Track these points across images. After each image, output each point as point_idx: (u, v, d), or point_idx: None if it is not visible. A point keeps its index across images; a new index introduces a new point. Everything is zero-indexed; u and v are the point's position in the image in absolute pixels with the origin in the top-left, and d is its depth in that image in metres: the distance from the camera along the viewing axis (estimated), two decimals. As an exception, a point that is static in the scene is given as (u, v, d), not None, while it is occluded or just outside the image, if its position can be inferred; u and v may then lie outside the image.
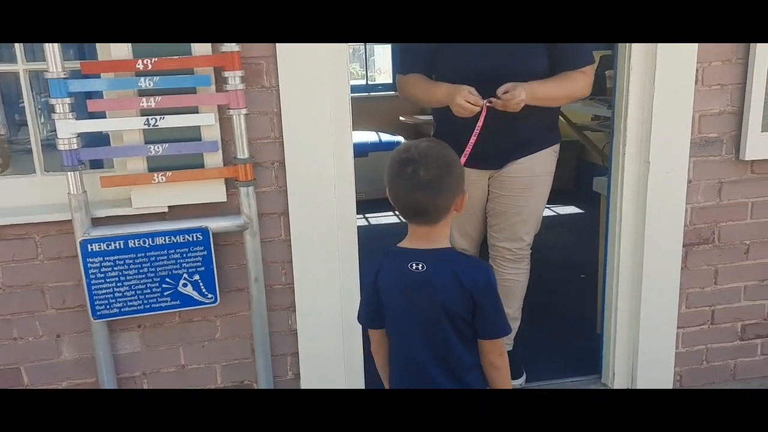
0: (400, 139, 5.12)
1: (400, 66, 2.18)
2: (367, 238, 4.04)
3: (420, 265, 1.37)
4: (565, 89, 2.03)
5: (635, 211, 2.14)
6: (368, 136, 5.13)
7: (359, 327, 2.08)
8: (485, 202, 2.22)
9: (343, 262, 1.99)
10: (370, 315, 1.48)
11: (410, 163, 1.32)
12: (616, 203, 2.17)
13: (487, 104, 1.91)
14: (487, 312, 1.37)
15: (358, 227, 2.04)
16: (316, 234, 1.94)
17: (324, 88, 1.85)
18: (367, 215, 4.82)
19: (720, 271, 2.25)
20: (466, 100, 1.89)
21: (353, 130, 1.96)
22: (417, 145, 1.36)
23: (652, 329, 2.22)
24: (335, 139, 1.90)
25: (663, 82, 2.01)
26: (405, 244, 1.42)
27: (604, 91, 4.22)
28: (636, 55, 2.01)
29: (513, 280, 2.24)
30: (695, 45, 2.00)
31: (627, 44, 2.02)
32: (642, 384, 2.26)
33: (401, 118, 5.35)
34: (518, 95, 1.88)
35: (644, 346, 2.23)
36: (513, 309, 2.25)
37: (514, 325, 2.26)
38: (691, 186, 2.14)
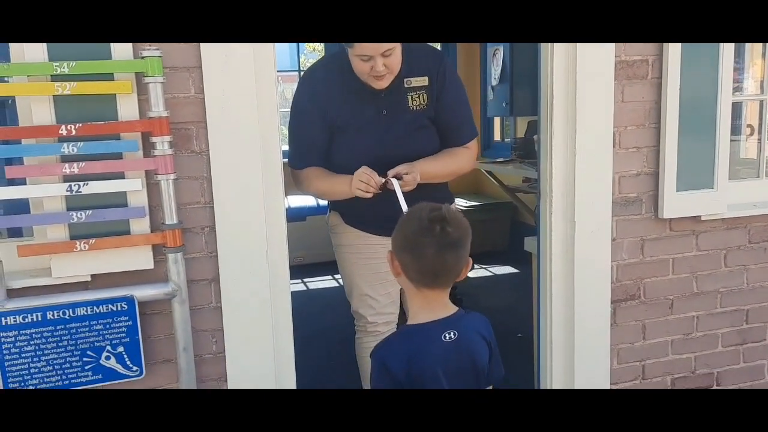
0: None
1: (292, 160, 2.08)
2: (306, 303, 4.01)
3: (452, 333, 1.37)
4: (451, 166, 2.10)
5: (564, 269, 2.20)
6: (306, 200, 5.13)
7: (294, 395, 2.02)
8: None
9: (276, 328, 1.94)
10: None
11: (440, 221, 1.32)
12: (546, 262, 2.23)
13: (389, 180, 1.93)
14: (496, 356, 1.44)
15: (296, 292, 2.02)
16: (248, 300, 1.90)
17: (254, 153, 1.85)
18: (305, 280, 4.77)
19: (647, 326, 2.32)
20: (360, 179, 1.92)
21: (291, 194, 1.95)
22: (440, 205, 1.37)
23: (586, 386, 2.25)
24: (267, 203, 1.89)
25: (583, 145, 2.11)
26: (423, 318, 1.39)
27: (534, 154, 4.40)
28: (557, 119, 2.11)
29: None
30: (611, 110, 2.12)
31: (549, 110, 2.12)
32: (580, 442, 2.26)
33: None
34: (414, 179, 1.93)
35: (580, 404, 2.24)
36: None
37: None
38: (615, 244, 2.22)
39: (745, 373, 2.45)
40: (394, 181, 1.90)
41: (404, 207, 1.85)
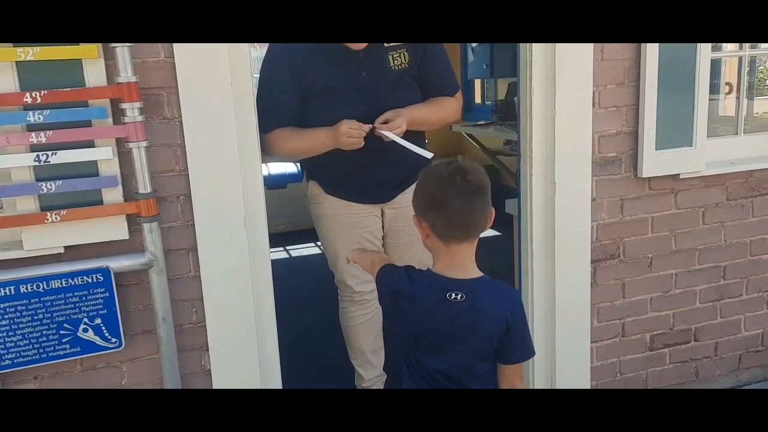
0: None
1: (260, 124, 1.93)
2: (288, 270, 3.99)
3: (459, 296, 1.37)
4: (439, 113, 2.11)
5: (544, 230, 2.20)
6: (286, 168, 5.08)
7: (278, 364, 2.02)
8: (381, 236, 2.21)
9: (257, 297, 1.93)
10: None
11: (459, 171, 1.34)
12: (527, 223, 2.22)
13: (380, 131, 1.93)
14: (518, 337, 1.41)
15: (278, 260, 2.00)
16: (228, 269, 1.88)
17: (229, 118, 1.80)
18: (287, 247, 4.75)
19: (627, 285, 2.34)
20: (349, 127, 1.89)
21: (271, 162, 1.92)
22: (459, 158, 1.39)
23: (567, 345, 2.27)
24: (243, 169, 1.85)
25: (563, 106, 2.09)
26: (442, 271, 1.41)
27: (515, 116, 4.37)
28: (537, 79, 2.08)
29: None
30: (590, 69, 2.10)
31: (528, 70, 2.09)
32: (561, 400, 2.30)
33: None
34: (400, 124, 1.92)
35: (561, 363, 2.27)
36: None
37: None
38: (595, 204, 2.22)
39: (722, 328, 2.49)
40: (389, 133, 1.89)
41: (413, 148, 1.85)
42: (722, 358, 2.52)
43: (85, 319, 1.73)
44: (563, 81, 2.07)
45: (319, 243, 4.84)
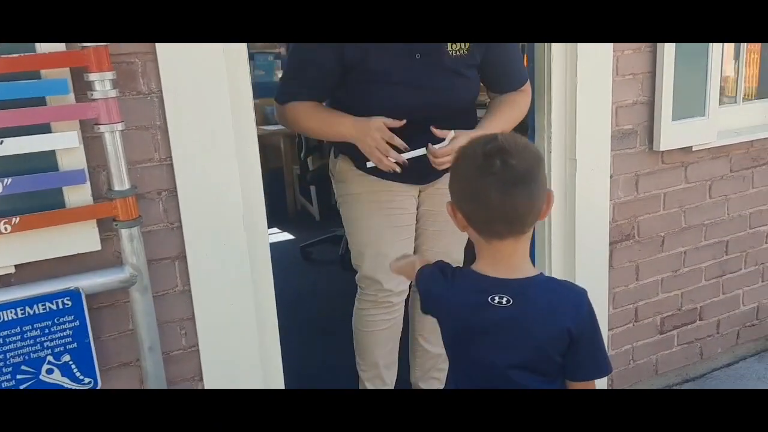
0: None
1: (281, 93, 1.77)
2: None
3: (504, 299, 1.10)
4: (513, 118, 1.81)
5: (564, 212, 2.00)
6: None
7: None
8: (414, 221, 1.92)
9: (259, 311, 1.59)
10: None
11: (499, 153, 1.04)
12: (543, 206, 2.01)
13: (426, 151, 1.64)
14: (586, 349, 1.13)
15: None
16: (224, 279, 1.52)
17: (221, 90, 1.44)
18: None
19: (640, 267, 2.19)
20: (376, 146, 1.63)
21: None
22: (499, 135, 1.09)
23: (586, 336, 2.10)
24: (240, 155, 1.50)
25: (585, 74, 1.89)
26: (484, 269, 1.13)
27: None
28: (557, 46, 1.86)
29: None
30: (611, 33, 1.90)
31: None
32: (578, 394, 2.13)
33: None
34: (452, 151, 1.64)
35: (580, 355, 2.10)
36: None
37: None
38: (612, 181, 2.05)
39: (723, 305, 2.41)
40: (408, 154, 1.64)
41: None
42: (723, 335, 2.45)
43: (50, 358, 1.32)
44: (585, 46, 1.86)
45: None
